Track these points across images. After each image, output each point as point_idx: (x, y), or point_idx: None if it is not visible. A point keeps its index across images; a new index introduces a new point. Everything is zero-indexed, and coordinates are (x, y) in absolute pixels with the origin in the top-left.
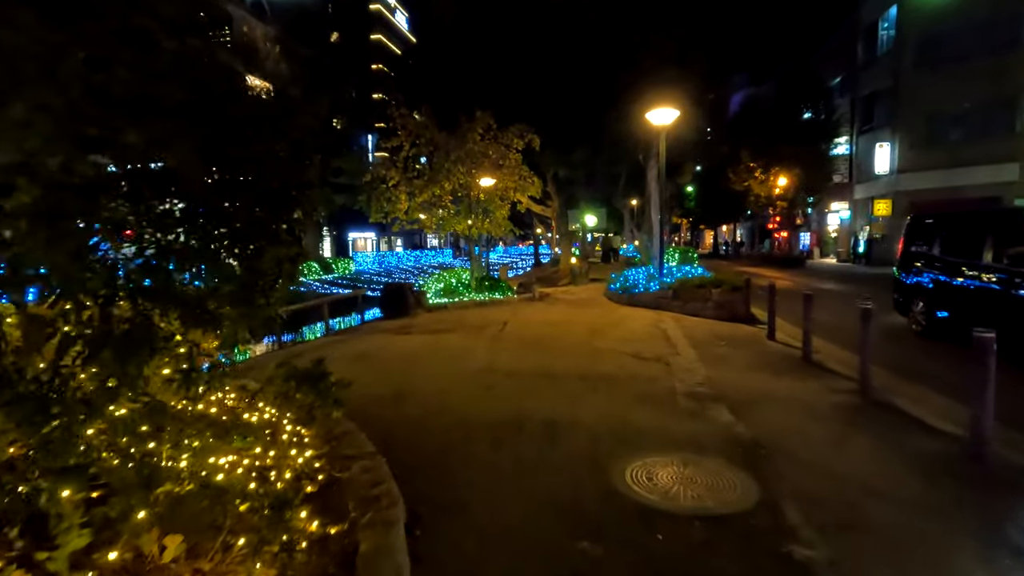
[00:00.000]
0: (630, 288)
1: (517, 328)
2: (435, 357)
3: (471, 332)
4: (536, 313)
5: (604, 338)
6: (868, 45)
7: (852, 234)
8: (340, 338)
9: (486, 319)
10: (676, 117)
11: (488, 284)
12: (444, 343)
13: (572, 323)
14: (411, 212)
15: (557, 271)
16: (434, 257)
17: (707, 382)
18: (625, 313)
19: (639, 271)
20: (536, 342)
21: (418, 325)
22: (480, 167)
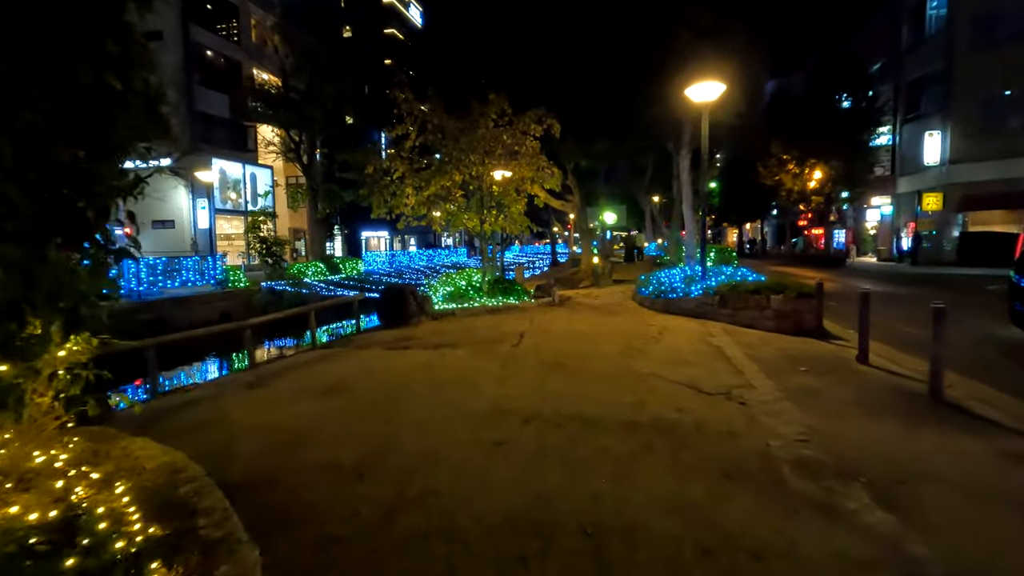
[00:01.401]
0: (665, 292)
1: (536, 342)
2: (431, 388)
3: (480, 348)
4: (557, 321)
5: (645, 358)
6: (914, 27)
7: (895, 231)
8: (322, 355)
9: (499, 329)
10: (722, 92)
11: (502, 287)
12: (446, 364)
13: (601, 336)
14: (417, 207)
15: (578, 271)
16: (447, 256)
17: (812, 437)
18: (662, 322)
19: (673, 272)
20: (559, 363)
21: (419, 337)
22: (493, 155)
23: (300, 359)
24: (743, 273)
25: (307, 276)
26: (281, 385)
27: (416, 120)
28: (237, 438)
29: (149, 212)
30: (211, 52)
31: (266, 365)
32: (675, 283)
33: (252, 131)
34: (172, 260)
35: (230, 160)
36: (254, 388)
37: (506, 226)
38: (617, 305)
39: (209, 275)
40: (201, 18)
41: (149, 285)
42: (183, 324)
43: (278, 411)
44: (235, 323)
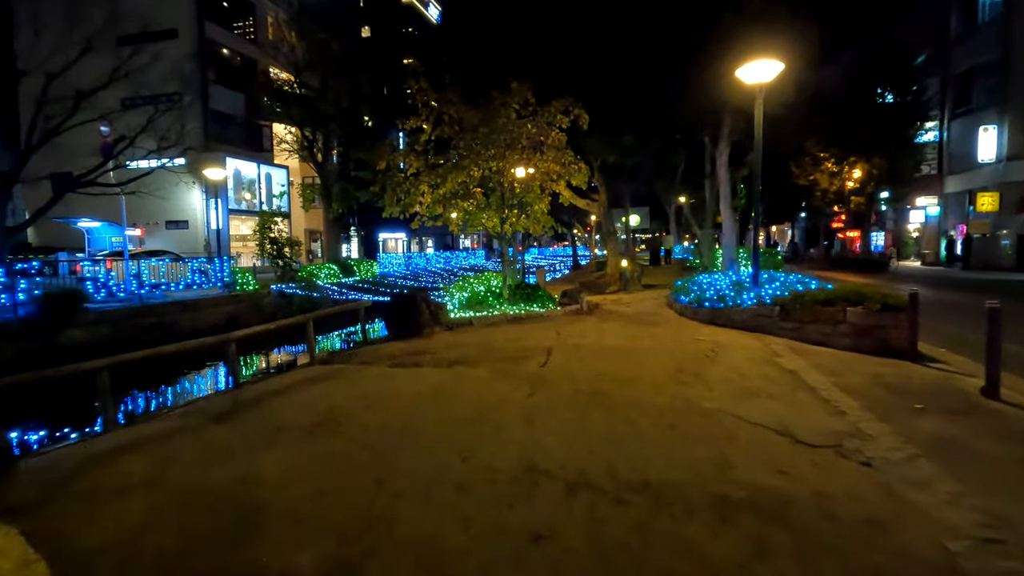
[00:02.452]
0: (710, 300)
1: (566, 360)
2: (442, 428)
3: (502, 367)
4: (588, 333)
5: (704, 385)
6: (964, 14)
7: (942, 233)
8: (319, 373)
9: (523, 343)
10: (779, 72)
11: (525, 293)
12: (461, 391)
13: (644, 353)
14: (433, 206)
15: (603, 275)
16: (465, 259)
17: (1003, 530)
18: (712, 336)
19: (715, 278)
20: (600, 392)
21: (431, 351)
22: (516, 149)
23: (291, 379)
24: (796, 279)
25: (319, 279)
26: (258, 418)
27: (432, 112)
28: (165, 516)
29: (163, 212)
30: (226, 50)
31: (250, 386)
32: (721, 290)
33: (267, 130)
34: (176, 262)
35: (245, 160)
36: (223, 422)
37: (529, 226)
38: (653, 314)
39: (216, 277)
40: (217, 15)
41: (151, 288)
42: (187, 329)
43: (239, 464)
44: (216, 337)
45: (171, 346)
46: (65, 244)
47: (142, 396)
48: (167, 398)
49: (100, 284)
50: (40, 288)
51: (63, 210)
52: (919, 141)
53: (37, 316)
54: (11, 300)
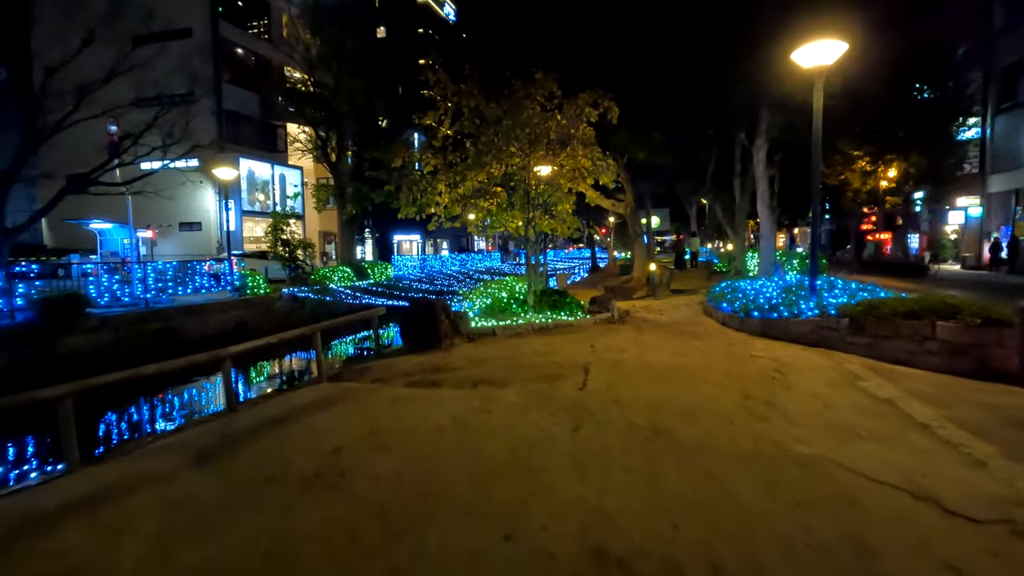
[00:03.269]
0: (760, 309)
1: (609, 382)
2: (472, 478)
3: (534, 389)
4: (626, 347)
5: (785, 419)
6: (1010, 5)
7: (983, 235)
8: (326, 395)
9: (554, 358)
10: (843, 52)
11: (551, 300)
12: (490, 423)
13: (696, 373)
14: (451, 206)
15: (629, 280)
16: (481, 261)
17: None
18: (769, 352)
19: (759, 284)
20: (658, 427)
21: (452, 366)
22: (540, 144)
23: (294, 402)
24: (857, 286)
25: (332, 282)
26: (247, 461)
27: (450, 106)
28: None
29: (176, 214)
30: (241, 50)
31: (247, 410)
32: (772, 298)
33: (281, 131)
34: (184, 264)
35: (258, 160)
36: (204, 466)
37: (556, 227)
38: (692, 324)
39: (226, 280)
40: (231, 15)
41: (158, 292)
42: (194, 335)
43: (209, 544)
44: (207, 354)
45: (152, 366)
46: (79, 246)
47: (124, 419)
48: (151, 422)
49: (104, 288)
50: (39, 292)
51: (75, 211)
52: (960, 138)
53: (36, 322)
54: (8, 305)
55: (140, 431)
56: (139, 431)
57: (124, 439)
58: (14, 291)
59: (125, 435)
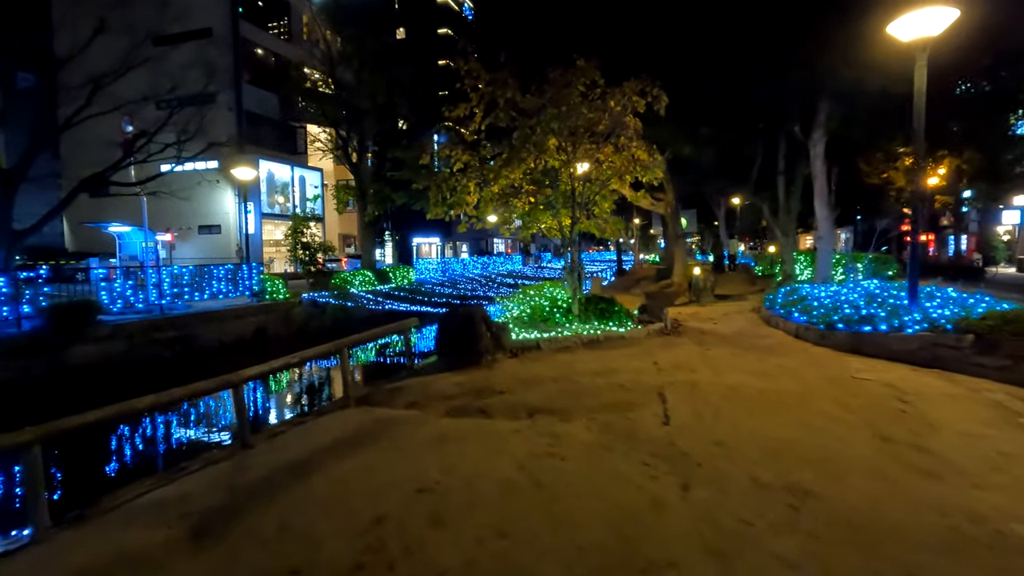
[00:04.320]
0: (846, 320)
1: (695, 412)
2: (563, 570)
3: (606, 423)
4: (695, 365)
5: (961, 476)
6: None
7: None
8: (355, 428)
9: (616, 379)
10: (954, 20)
11: (599, 309)
12: (566, 478)
13: (798, 401)
14: (484, 206)
15: (669, 284)
16: (503, 264)
17: None
18: (871, 372)
19: (829, 291)
20: (797, 487)
21: (498, 388)
22: (580, 137)
23: (319, 434)
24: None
25: (353, 286)
26: (261, 540)
27: (483, 96)
28: None
29: (195, 216)
30: (261, 50)
31: (262, 445)
32: (859, 308)
33: (301, 132)
34: (201, 268)
35: (278, 162)
36: (204, 545)
37: (607, 229)
38: (758, 336)
39: (244, 285)
40: (252, 14)
41: (173, 298)
42: (211, 343)
43: None
44: (214, 381)
45: (147, 399)
46: (99, 249)
47: (119, 449)
48: (150, 451)
49: (116, 294)
50: (47, 298)
51: (94, 214)
52: (1020, 132)
53: (44, 330)
54: (14, 313)
55: (136, 463)
56: (135, 463)
57: (115, 480)
58: (21, 297)
59: (121, 465)
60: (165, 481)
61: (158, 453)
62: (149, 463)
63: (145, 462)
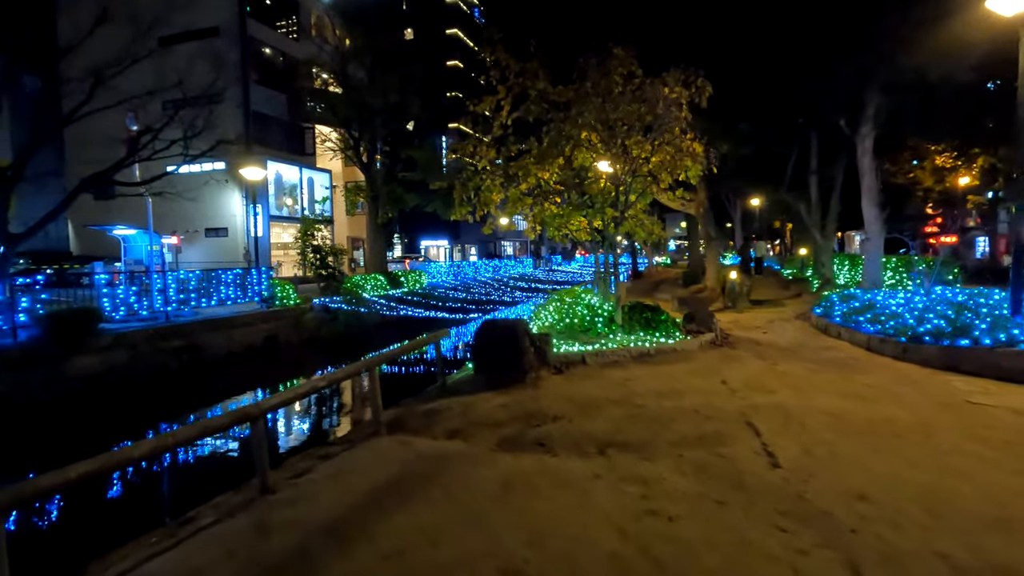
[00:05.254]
0: (935, 333)
1: (803, 447)
2: None
3: (701, 465)
4: (769, 383)
5: None
6: None
7: None
8: (394, 474)
9: (688, 405)
10: None
11: (643, 317)
12: (688, 555)
13: (921, 435)
14: (509, 206)
15: (701, 289)
16: (513, 267)
17: None
18: (984, 395)
19: (897, 297)
20: (1000, 567)
21: (551, 414)
22: (634, 129)
23: (352, 478)
24: None
25: (365, 291)
26: None
27: (511, 88)
28: None
29: (201, 219)
30: (269, 49)
31: (285, 492)
32: (948, 318)
33: (310, 133)
34: (208, 273)
35: (286, 163)
36: None
37: (654, 229)
38: (823, 348)
39: (253, 291)
40: (259, 13)
41: (179, 304)
42: (219, 351)
43: None
44: (230, 415)
45: (146, 444)
46: (104, 253)
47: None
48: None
49: (119, 301)
50: (45, 306)
51: (99, 217)
52: None
53: (41, 340)
54: (10, 322)
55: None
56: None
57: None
58: (16, 305)
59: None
60: (169, 541)
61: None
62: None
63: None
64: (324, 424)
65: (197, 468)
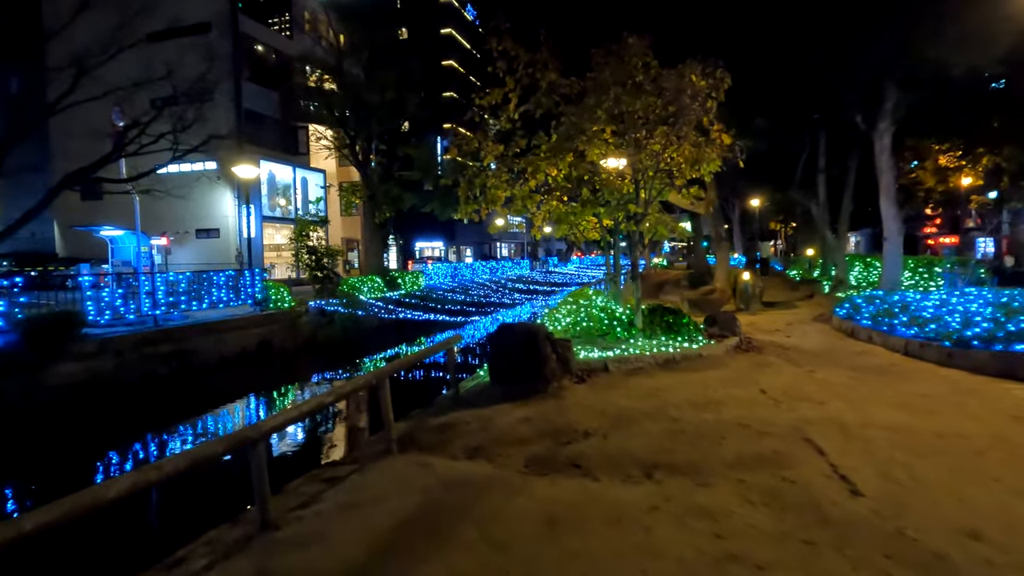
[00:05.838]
0: (985, 338)
1: (879, 470)
2: None
3: (757, 487)
4: (811, 392)
5: None
6: None
7: None
8: (416, 506)
9: (728, 415)
10: None
11: (665, 321)
12: None
13: (996, 451)
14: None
15: (711, 290)
16: (511, 269)
17: None
18: None
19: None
20: None
21: (581, 429)
22: (637, 123)
23: (370, 513)
24: None
25: (362, 293)
26: None
27: (519, 80)
28: None
29: (192, 220)
30: (261, 46)
31: (289, 528)
32: (998, 321)
33: (303, 132)
34: (199, 275)
35: (279, 163)
36: None
37: (676, 227)
38: (854, 353)
39: (246, 293)
40: (251, 9)
41: (168, 307)
42: (211, 357)
43: None
44: (225, 440)
45: (122, 480)
46: (91, 255)
47: None
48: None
49: (104, 304)
50: (24, 310)
51: (86, 217)
52: None
53: (19, 347)
54: None
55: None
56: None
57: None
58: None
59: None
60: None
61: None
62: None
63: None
64: (326, 437)
65: (186, 487)
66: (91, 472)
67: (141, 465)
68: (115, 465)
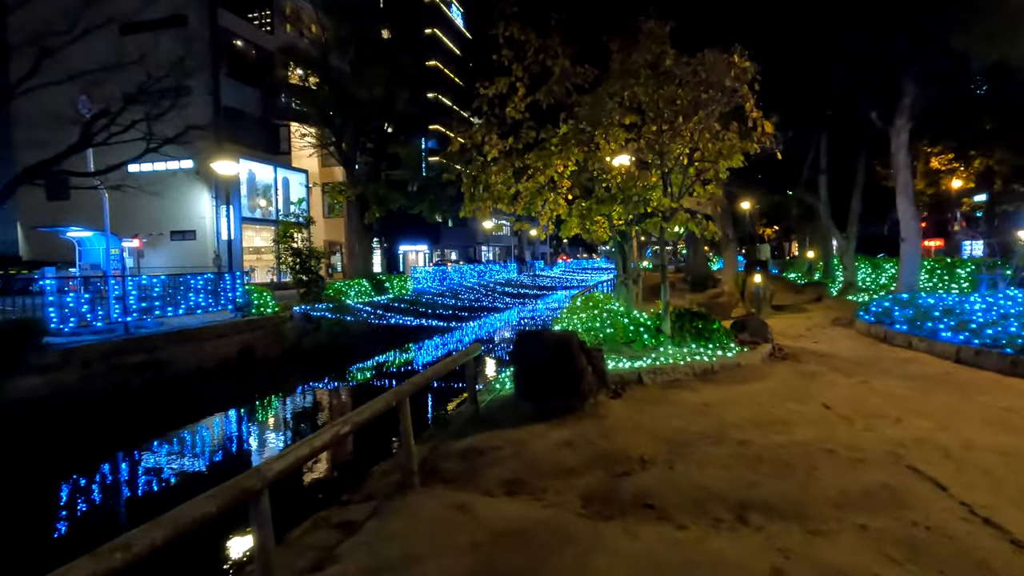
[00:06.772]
0: None
1: (1020, 508)
2: None
3: (886, 534)
4: (878, 407)
5: None
6: None
7: None
8: (459, 569)
9: (799, 437)
10: None
11: (694, 327)
12: None
13: None
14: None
15: (720, 293)
16: (498, 272)
17: None
18: None
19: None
20: None
21: (635, 458)
22: (691, 111)
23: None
24: None
25: (349, 297)
26: None
27: (528, 68)
28: None
29: (166, 221)
30: (241, 41)
31: None
32: None
33: (284, 131)
34: (175, 279)
35: (260, 162)
36: None
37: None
38: (898, 360)
39: (226, 298)
40: (231, 2)
41: (141, 313)
42: (188, 366)
43: None
44: (215, 493)
45: (79, 567)
46: (57, 258)
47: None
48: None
49: (68, 311)
50: None
51: (51, 218)
52: None
53: None
54: None
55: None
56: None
57: None
58: None
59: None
60: None
61: None
62: None
63: None
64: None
65: None
66: (51, 504)
67: (98, 550)
68: (80, 496)
